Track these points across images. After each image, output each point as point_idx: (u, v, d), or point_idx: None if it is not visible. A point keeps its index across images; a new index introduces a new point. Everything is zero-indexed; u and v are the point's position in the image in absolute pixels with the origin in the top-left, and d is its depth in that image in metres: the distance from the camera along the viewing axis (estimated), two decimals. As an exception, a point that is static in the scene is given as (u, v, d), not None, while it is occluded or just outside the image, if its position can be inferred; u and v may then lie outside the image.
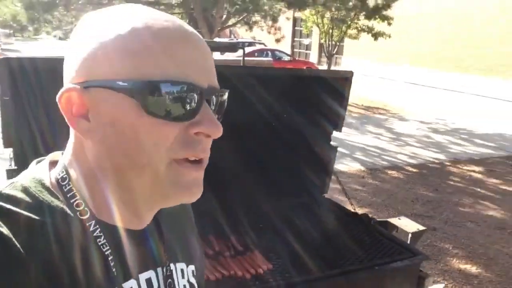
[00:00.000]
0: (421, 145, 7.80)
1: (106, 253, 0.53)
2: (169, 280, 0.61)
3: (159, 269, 0.61)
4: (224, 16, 9.96)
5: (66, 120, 0.52)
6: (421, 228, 2.37)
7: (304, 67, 11.92)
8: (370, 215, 2.32)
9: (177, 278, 0.63)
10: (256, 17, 11.87)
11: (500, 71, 14.41)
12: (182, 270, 0.65)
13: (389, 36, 11.65)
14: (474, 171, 6.39)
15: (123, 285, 0.55)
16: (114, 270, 0.54)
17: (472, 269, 3.58)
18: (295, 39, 23.66)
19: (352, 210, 2.39)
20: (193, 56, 0.51)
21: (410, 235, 2.28)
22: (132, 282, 0.56)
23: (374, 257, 1.88)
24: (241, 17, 10.71)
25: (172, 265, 0.63)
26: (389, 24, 11.42)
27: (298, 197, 2.39)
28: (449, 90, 15.56)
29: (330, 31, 11.88)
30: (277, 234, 2.01)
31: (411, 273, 1.90)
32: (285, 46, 18.55)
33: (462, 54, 15.43)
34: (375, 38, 11.95)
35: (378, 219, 2.37)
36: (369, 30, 11.87)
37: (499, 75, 14.46)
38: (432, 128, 9.35)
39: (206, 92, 0.51)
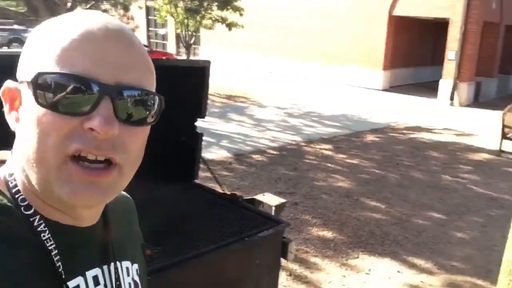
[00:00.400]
0: (280, 129, 8.41)
1: (50, 248, 0.53)
2: (116, 277, 0.62)
3: (105, 267, 0.61)
4: (70, 4, 9.18)
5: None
6: (283, 200, 2.62)
7: (164, 58, 11.73)
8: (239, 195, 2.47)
9: (123, 276, 0.64)
10: (106, 5, 11.23)
11: (342, 58, 16.26)
12: (127, 268, 0.66)
13: (242, 27, 12.15)
14: (325, 149, 7.16)
15: (70, 282, 0.55)
16: (59, 266, 0.53)
17: (329, 234, 4.05)
18: (150, 28, 22.99)
19: (222, 192, 2.50)
20: (103, 53, 0.50)
21: (273, 208, 2.49)
22: (79, 279, 0.56)
23: (244, 230, 2.02)
24: (89, 5, 10.02)
25: (118, 263, 0.63)
26: (241, 14, 11.91)
27: (169, 185, 2.40)
28: (297, 77, 16.99)
29: (186, 21, 11.88)
30: (149, 222, 1.99)
31: (276, 240, 2.10)
32: (140, 37, 17.94)
33: (308, 44, 16.94)
34: (229, 29, 12.35)
35: (245, 198, 2.53)
36: (223, 20, 12.21)
37: (339, 62, 16.31)
38: (287, 113, 10.14)
39: (108, 89, 0.50)
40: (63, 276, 0.54)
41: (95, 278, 0.59)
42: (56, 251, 0.53)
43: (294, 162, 6.25)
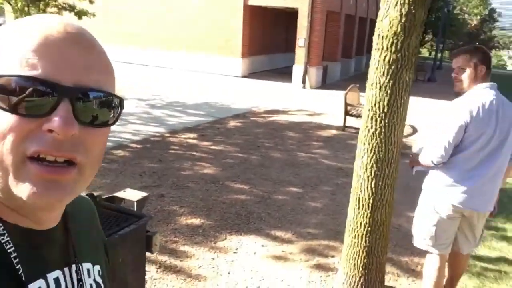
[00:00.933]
0: (142, 122, 8.18)
1: (9, 250, 0.53)
2: (79, 278, 0.63)
3: (66, 269, 0.62)
4: None
5: None
6: (145, 194, 2.58)
7: None
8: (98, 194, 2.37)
9: (84, 277, 0.65)
10: None
11: (203, 47, 16.38)
12: (88, 270, 0.67)
13: (94, 15, 11.39)
14: (189, 138, 7.22)
15: (31, 285, 0.55)
16: (19, 268, 0.54)
17: (197, 221, 4.14)
18: (-16, 18, 19.99)
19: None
20: (62, 55, 0.51)
21: (135, 203, 2.46)
22: (40, 281, 0.57)
23: (104, 229, 1.96)
24: None
25: (79, 265, 0.64)
26: (91, 2, 11.15)
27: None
28: (159, 67, 16.65)
29: (26, 9, 10.65)
30: None
31: (140, 234, 2.09)
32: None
33: (169, 33, 16.66)
34: (79, 17, 11.46)
35: (104, 196, 2.44)
36: (71, 8, 11.27)
37: (200, 51, 16.43)
38: (150, 104, 9.90)
39: (67, 91, 0.51)
40: (23, 279, 0.54)
41: (57, 280, 0.59)
42: (15, 254, 0.54)
43: (159, 154, 6.18)
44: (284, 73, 16.60)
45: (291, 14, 16.92)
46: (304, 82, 14.62)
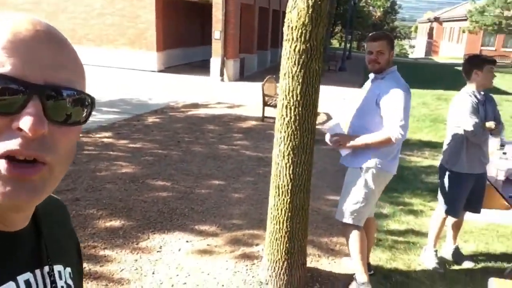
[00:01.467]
0: (51, 123, 7.61)
1: None
2: (52, 280, 0.62)
3: (37, 271, 0.61)
4: None
5: None
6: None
7: None
8: None
9: (55, 279, 0.64)
10: None
11: (110, 41, 15.63)
12: (59, 272, 0.66)
13: (-12, 9, 10.33)
14: (105, 137, 6.87)
15: (1, 287, 0.54)
16: None
17: (117, 223, 3.97)
18: None
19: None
20: (32, 53, 0.51)
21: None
22: (10, 284, 0.56)
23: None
24: None
25: (50, 267, 0.63)
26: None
27: None
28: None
29: None
30: None
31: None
32: None
33: (73, 26, 15.64)
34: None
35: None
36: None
37: (109, 45, 15.67)
38: (59, 104, 9.24)
39: (36, 89, 0.50)
40: None
41: (27, 283, 0.58)
42: None
43: (72, 155, 5.80)
44: (202, 67, 16.45)
45: (205, 7, 16.76)
46: (222, 75, 14.61)
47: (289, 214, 2.95)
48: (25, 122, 0.49)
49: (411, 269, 3.47)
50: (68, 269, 0.69)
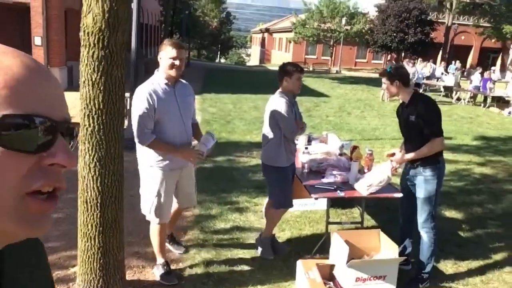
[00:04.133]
0: None
1: None
2: None
3: None
4: None
5: None
6: None
7: None
8: None
9: None
10: None
11: None
12: None
13: None
14: None
15: None
16: None
17: None
18: None
19: None
20: (46, 91, 0.53)
21: None
22: None
23: None
24: None
25: None
26: None
27: None
28: None
29: None
30: None
31: None
32: None
33: None
34: None
35: None
36: None
37: None
38: None
39: (60, 125, 0.53)
40: None
41: None
42: None
43: None
44: (23, 76, 14.68)
45: (23, 10, 15.03)
46: (47, 85, 13.30)
47: (101, 229, 2.81)
48: (61, 157, 0.52)
49: (234, 264, 3.66)
50: None
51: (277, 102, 3.58)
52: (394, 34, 30.79)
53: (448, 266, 3.83)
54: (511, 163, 7.87)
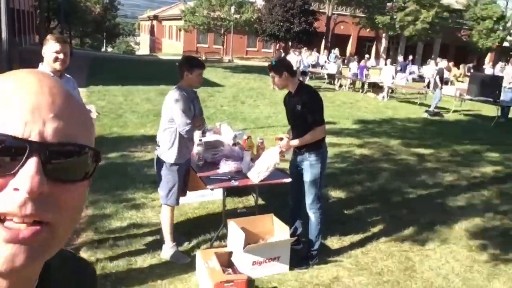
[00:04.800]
0: None
1: None
2: None
3: None
4: None
5: None
6: None
7: None
8: None
9: None
10: None
11: None
12: None
13: None
14: None
15: None
16: None
17: None
18: None
19: None
20: (29, 109, 0.47)
21: None
22: None
23: None
24: None
25: None
26: None
27: None
28: None
29: None
30: None
31: None
32: None
33: None
34: None
35: None
36: None
37: None
38: None
39: (34, 146, 0.46)
40: None
41: None
42: None
43: None
44: None
45: None
46: None
47: None
48: (21, 182, 0.45)
49: (132, 262, 3.60)
50: None
51: (173, 96, 3.55)
52: (281, 24, 32.15)
53: (334, 242, 4.24)
54: (385, 143, 8.87)
